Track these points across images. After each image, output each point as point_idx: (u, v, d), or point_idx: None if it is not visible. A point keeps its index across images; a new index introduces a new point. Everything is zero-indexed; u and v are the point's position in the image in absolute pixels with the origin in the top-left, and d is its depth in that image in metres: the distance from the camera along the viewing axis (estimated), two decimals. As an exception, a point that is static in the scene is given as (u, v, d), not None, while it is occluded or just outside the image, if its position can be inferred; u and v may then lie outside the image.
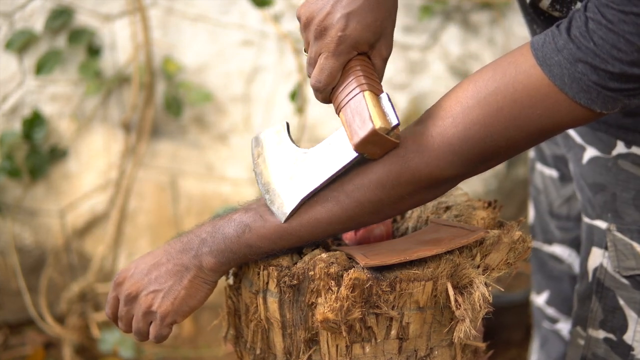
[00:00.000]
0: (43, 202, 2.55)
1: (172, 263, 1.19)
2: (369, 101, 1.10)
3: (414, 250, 1.15)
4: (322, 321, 1.11)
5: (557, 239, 1.70)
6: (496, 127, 1.06)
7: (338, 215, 1.14)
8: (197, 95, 2.45)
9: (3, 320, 2.65)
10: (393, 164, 1.11)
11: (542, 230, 1.72)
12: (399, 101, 2.52)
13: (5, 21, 2.39)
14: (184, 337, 2.66)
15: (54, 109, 2.47)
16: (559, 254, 1.71)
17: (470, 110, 1.07)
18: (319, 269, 1.14)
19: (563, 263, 1.72)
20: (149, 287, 1.19)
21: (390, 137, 1.09)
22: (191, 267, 1.18)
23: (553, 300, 1.76)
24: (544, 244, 1.74)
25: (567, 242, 1.69)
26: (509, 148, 1.09)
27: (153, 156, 2.57)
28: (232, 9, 2.47)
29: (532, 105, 1.04)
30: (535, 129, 1.06)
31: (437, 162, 1.09)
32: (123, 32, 2.44)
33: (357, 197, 1.12)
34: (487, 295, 1.13)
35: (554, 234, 1.70)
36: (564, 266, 1.72)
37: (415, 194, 1.13)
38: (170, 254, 1.20)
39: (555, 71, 1.01)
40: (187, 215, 2.63)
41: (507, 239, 1.16)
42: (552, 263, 1.73)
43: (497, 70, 1.06)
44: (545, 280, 1.76)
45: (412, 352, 1.18)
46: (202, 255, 1.18)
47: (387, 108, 1.10)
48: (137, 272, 1.21)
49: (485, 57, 2.57)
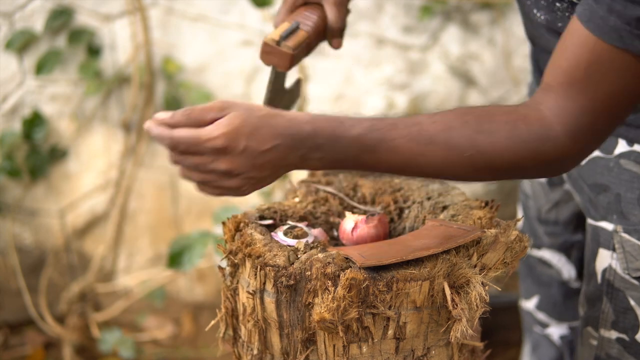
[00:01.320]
0: (43, 202, 2.55)
1: (278, 156, 1.08)
2: (279, 27, 1.40)
3: (410, 250, 1.15)
4: (319, 321, 1.12)
5: (546, 244, 1.68)
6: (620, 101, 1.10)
7: (457, 165, 1.12)
8: (197, 95, 2.45)
9: (3, 320, 2.66)
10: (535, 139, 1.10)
11: (531, 235, 1.70)
12: (399, 101, 2.52)
13: (5, 21, 2.40)
14: (183, 337, 2.67)
15: (54, 109, 2.47)
16: (547, 258, 1.70)
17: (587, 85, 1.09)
18: (315, 269, 1.14)
19: (552, 268, 1.70)
20: (249, 173, 1.08)
21: (281, 47, 1.36)
22: (292, 166, 1.10)
23: (543, 305, 1.74)
24: (533, 248, 1.72)
25: (556, 247, 1.67)
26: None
27: (153, 156, 2.57)
28: (232, 9, 2.47)
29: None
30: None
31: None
32: (123, 32, 2.44)
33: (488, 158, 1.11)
34: (484, 295, 1.13)
35: (542, 239, 1.69)
36: (553, 271, 1.70)
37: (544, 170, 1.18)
38: (282, 144, 1.07)
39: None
40: (187, 215, 2.63)
41: (504, 239, 1.16)
42: (540, 268, 1.72)
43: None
44: (535, 285, 1.74)
45: (409, 352, 1.18)
46: (311, 160, 1.09)
47: (284, 29, 1.37)
48: (247, 152, 1.07)
49: (485, 57, 2.57)
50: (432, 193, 1.38)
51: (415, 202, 1.37)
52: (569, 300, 1.70)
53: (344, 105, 2.52)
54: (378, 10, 2.48)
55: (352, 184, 1.44)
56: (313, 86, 2.44)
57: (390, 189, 1.41)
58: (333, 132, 1.09)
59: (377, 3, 2.47)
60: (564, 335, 1.74)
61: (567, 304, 1.71)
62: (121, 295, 2.64)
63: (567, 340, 1.74)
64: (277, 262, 1.18)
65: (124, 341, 2.43)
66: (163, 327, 2.68)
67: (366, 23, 2.47)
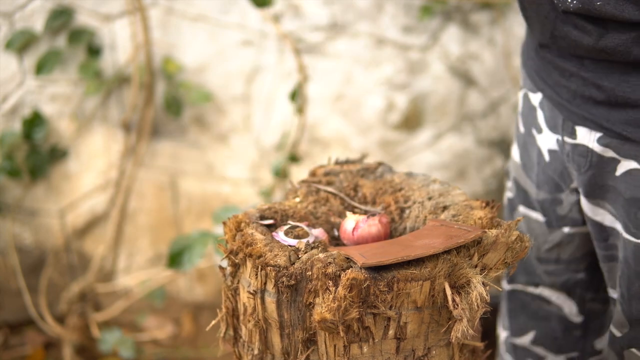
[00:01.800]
0: (43, 202, 2.55)
1: None
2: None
3: (411, 250, 1.15)
4: (319, 321, 1.12)
5: (546, 282, 1.59)
6: None
7: None
8: (197, 95, 2.45)
9: (3, 320, 2.65)
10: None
11: (526, 272, 1.62)
12: (399, 101, 2.52)
13: (5, 21, 2.39)
14: (183, 337, 2.66)
15: (54, 109, 2.47)
16: (546, 296, 1.61)
17: None
18: (316, 269, 1.14)
19: (551, 304, 1.61)
20: None
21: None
22: None
23: (540, 340, 1.64)
24: (528, 286, 1.63)
25: (557, 286, 1.58)
26: None
27: (153, 156, 2.57)
28: (232, 9, 2.47)
29: None
30: None
31: None
32: (123, 32, 2.44)
33: None
34: (485, 295, 1.13)
35: (541, 277, 1.60)
36: (552, 307, 1.61)
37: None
38: None
39: None
40: (187, 215, 2.63)
41: (505, 239, 1.16)
42: (537, 304, 1.63)
43: None
44: (531, 321, 1.64)
45: (410, 352, 1.19)
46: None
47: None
48: None
49: (485, 57, 2.57)
50: (432, 193, 1.38)
51: (416, 202, 1.37)
52: (568, 333, 1.62)
53: (344, 105, 2.52)
54: (378, 10, 2.48)
55: (352, 184, 1.44)
56: (313, 86, 2.44)
57: (391, 189, 1.41)
58: None
59: (377, 3, 2.47)
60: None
61: (567, 337, 1.62)
62: (121, 295, 2.64)
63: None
64: (278, 262, 1.18)
65: (124, 341, 2.43)
66: (163, 327, 2.68)
67: (366, 23, 2.47)
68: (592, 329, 1.61)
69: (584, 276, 1.56)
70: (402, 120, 2.53)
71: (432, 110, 2.55)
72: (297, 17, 2.46)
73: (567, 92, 1.36)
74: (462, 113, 2.60)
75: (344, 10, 2.44)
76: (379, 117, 2.52)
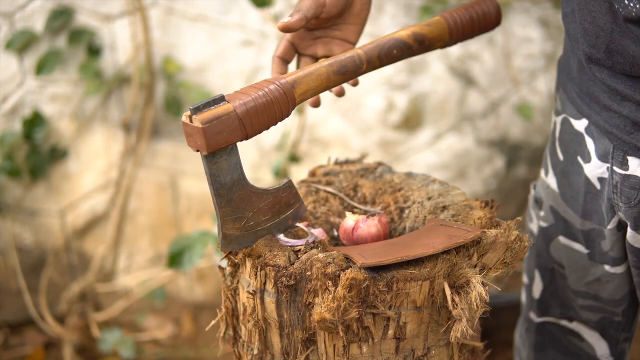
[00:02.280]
0: (43, 202, 2.55)
1: None
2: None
3: (410, 250, 1.15)
4: (319, 321, 1.12)
5: (581, 318, 1.51)
6: None
7: None
8: (197, 95, 2.45)
9: (3, 320, 2.66)
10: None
11: (561, 305, 1.53)
12: (399, 101, 2.52)
13: (6, 21, 2.40)
14: (183, 337, 2.67)
15: (54, 109, 2.47)
16: (580, 332, 1.53)
17: None
18: (316, 269, 1.14)
19: (584, 341, 1.53)
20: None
21: (193, 123, 1.09)
22: None
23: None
24: (562, 319, 1.55)
25: (592, 324, 1.50)
26: None
27: (153, 156, 2.57)
28: (232, 9, 2.47)
29: None
30: None
31: None
32: (123, 32, 2.44)
33: None
34: (484, 295, 1.12)
35: (577, 312, 1.51)
36: (584, 344, 1.53)
37: None
38: None
39: None
40: (187, 215, 2.63)
41: (504, 239, 1.16)
42: (569, 339, 1.55)
43: None
44: (560, 355, 1.57)
45: (410, 352, 1.18)
46: None
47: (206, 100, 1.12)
48: None
49: (485, 57, 2.57)
50: (432, 193, 1.38)
51: (415, 202, 1.37)
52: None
53: (344, 105, 2.52)
54: (378, 10, 2.48)
55: (352, 184, 1.44)
56: (313, 86, 2.44)
57: (390, 189, 1.41)
58: None
59: (377, 3, 2.47)
60: None
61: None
62: (121, 295, 2.64)
63: None
64: (277, 262, 1.18)
65: (124, 341, 2.44)
66: (163, 327, 2.68)
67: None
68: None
69: (620, 319, 1.49)
70: (402, 120, 2.53)
71: (432, 110, 2.55)
72: (297, 17, 2.46)
73: (618, 118, 1.24)
74: (462, 113, 2.60)
75: (344, 10, 2.44)
76: (379, 117, 2.52)
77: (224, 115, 1.11)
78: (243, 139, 1.15)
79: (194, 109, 1.09)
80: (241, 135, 1.14)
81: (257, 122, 1.15)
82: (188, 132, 1.11)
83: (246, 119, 1.14)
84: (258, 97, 1.15)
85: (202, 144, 1.10)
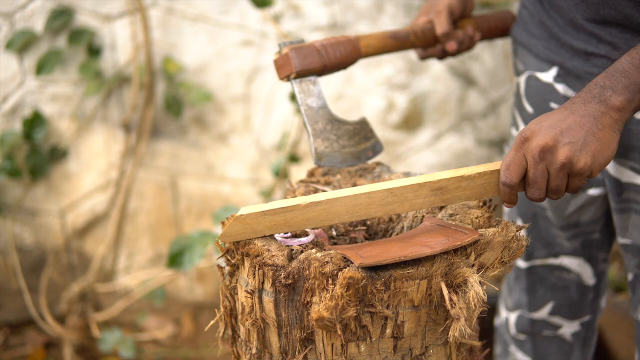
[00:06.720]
0: (43, 202, 2.55)
1: (578, 115, 1.18)
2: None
3: (408, 249, 1.15)
4: (317, 320, 1.12)
5: (566, 250, 1.67)
6: None
7: None
8: (197, 95, 2.45)
9: (3, 320, 2.66)
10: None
11: (546, 245, 1.69)
12: (399, 101, 2.52)
13: (6, 21, 2.40)
14: (183, 337, 2.67)
15: (54, 109, 2.48)
16: (566, 264, 1.69)
17: None
18: (313, 268, 1.14)
19: (571, 272, 1.70)
20: (562, 139, 1.17)
21: (282, 52, 1.43)
22: (598, 115, 1.18)
23: (559, 310, 1.73)
24: (548, 258, 1.70)
25: (577, 251, 1.66)
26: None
27: (153, 156, 2.57)
28: (232, 9, 2.47)
29: None
30: None
31: None
32: (123, 32, 2.45)
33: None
34: (482, 294, 1.12)
35: (562, 246, 1.67)
36: (572, 275, 1.70)
37: None
38: (572, 108, 1.20)
39: None
40: (187, 215, 2.63)
41: (502, 238, 1.16)
42: (557, 274, 1.71)
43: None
44: (549, 293, 1.73)
45: (407, 351, 1.18)
46: (607, 99, 1.18)
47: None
48: (544, 126, 1.18)
49: (485, 57, 2.57)
50: (430, 192, 1.38)
51: (413, 201, 1.37)
52: (584, 297, 1.71)
53: (344, 105, 2.52)
54: (378, 10, 2.48)
55: (351, 183, 1.44)
56: (313, 86, 2.44)
57: (388, 189, 1.41)
58: (604, 73, 1.21)
59: (377, 3, 2.47)
60: (576, 332, 1.75)
61: (582, 301, 1.72)
62: (121, 295, 2.64)
63: (580, 336, 1.76)
64: (275, 261, 1.18)
65: (124, 341, 2.44)
66: (163, 327, 2.68)
67: (366, 23, 2.47)
68: (600, 289, 1.72)
69: (598, 236, 1.64)
70: (402, 120, 2.53)
71: (432, 110, 2.55)
72: (297, 17, 2.46)
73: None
74: (462, 113, 2.60)
75: (344, 10, 2.44)
76: (379, 117, 2.52)
77: (306, 47, 1.43)
78: (323, 67, 1.44)
79: (282, 44, 1.43)
80: (320, 62, 1.44)
81: (332, 55, 1.44)
82: (280, 64, 1.44)
83: (323, 50, 1.44)
84: (330, 39, 1.46)
85: (292, 66, 1.42)
